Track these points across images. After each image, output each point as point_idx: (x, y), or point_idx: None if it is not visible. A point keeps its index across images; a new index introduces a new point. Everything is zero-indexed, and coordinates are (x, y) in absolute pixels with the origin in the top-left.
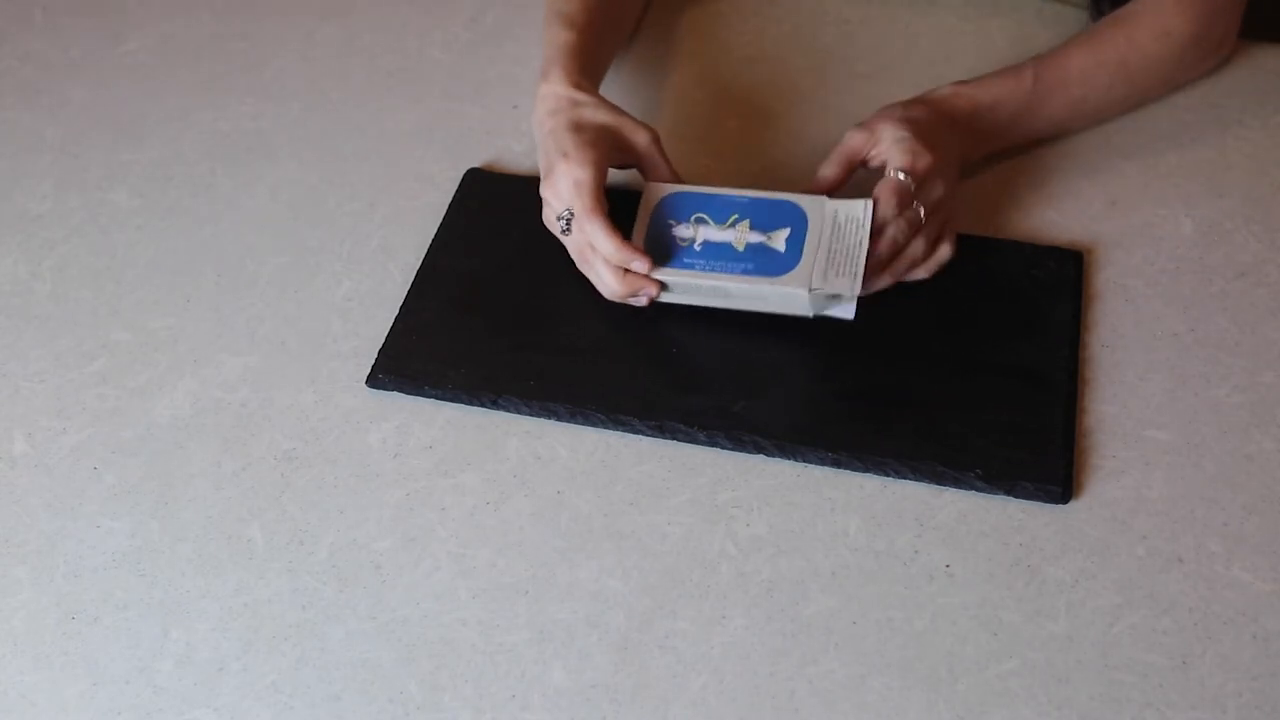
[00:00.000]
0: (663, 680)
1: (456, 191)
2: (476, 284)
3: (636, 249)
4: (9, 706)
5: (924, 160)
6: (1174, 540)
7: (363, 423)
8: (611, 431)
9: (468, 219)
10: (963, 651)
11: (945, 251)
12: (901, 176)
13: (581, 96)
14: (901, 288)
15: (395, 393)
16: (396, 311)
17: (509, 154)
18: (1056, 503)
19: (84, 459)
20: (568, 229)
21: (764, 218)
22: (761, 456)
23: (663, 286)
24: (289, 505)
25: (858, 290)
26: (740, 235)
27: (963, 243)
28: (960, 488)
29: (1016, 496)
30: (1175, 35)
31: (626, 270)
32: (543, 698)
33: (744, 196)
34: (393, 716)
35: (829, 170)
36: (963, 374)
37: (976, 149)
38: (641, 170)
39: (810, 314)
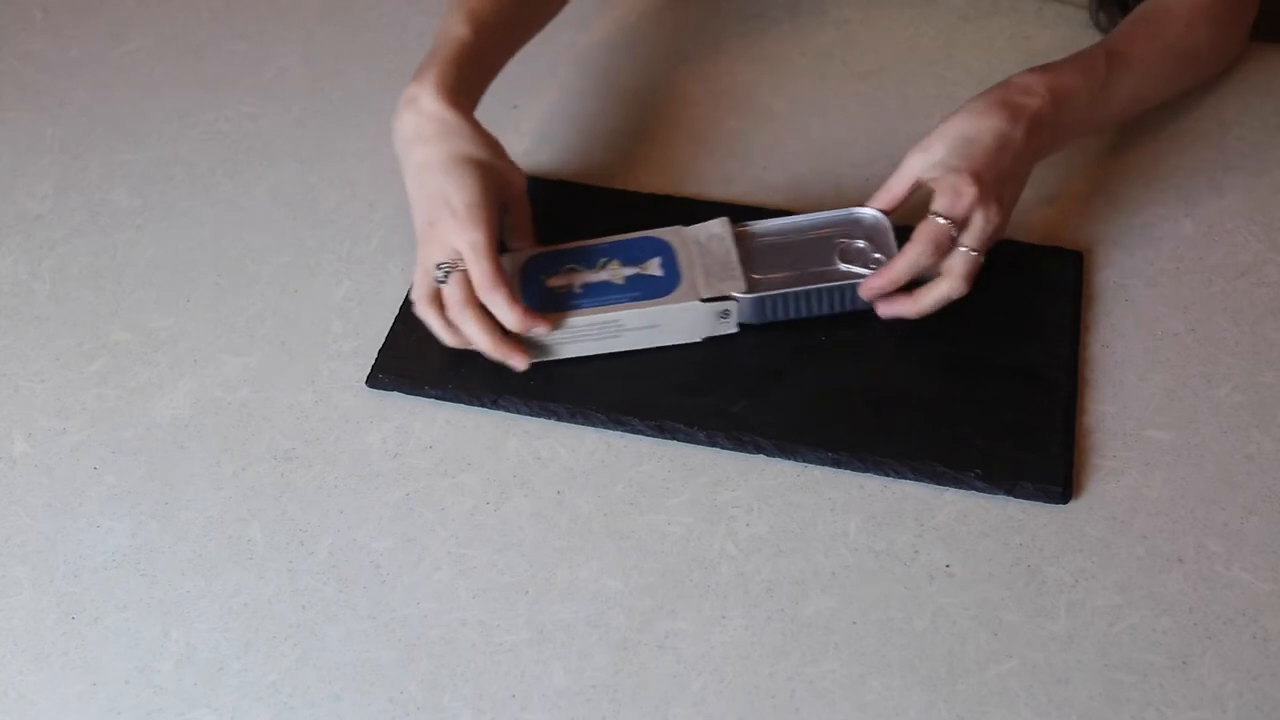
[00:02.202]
0: (663, 680)
1: None
2: None
3: (535, 316)
4: (9, 706)
5: (964, 201)
6: (1174, 540)
7: (363, 423)
8: (611, 431)
9: None
10: (963, 651)
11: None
12: (941, 221)
13: (454, 119)
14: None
15: (395, 393)
16: (396, 311)
17: (509, 154)
18: (1056, 503)
19: (84, 459)
20: (445, 280)
21: (631, 254)
22: (761, 456)
23: (539, 349)
24: (289, 505)
25: (744, 289)
26: (615, 272)
27: None
28: (960, 488)
29: (1016, 496)
30: (1223, 21)
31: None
32: (543, 698)
33: (604, 242)
34: (393, 716)
35: (884, 199)
36: (963, 374)
37: (1054, 143)
38: (510, 215)
39: (699, 337)
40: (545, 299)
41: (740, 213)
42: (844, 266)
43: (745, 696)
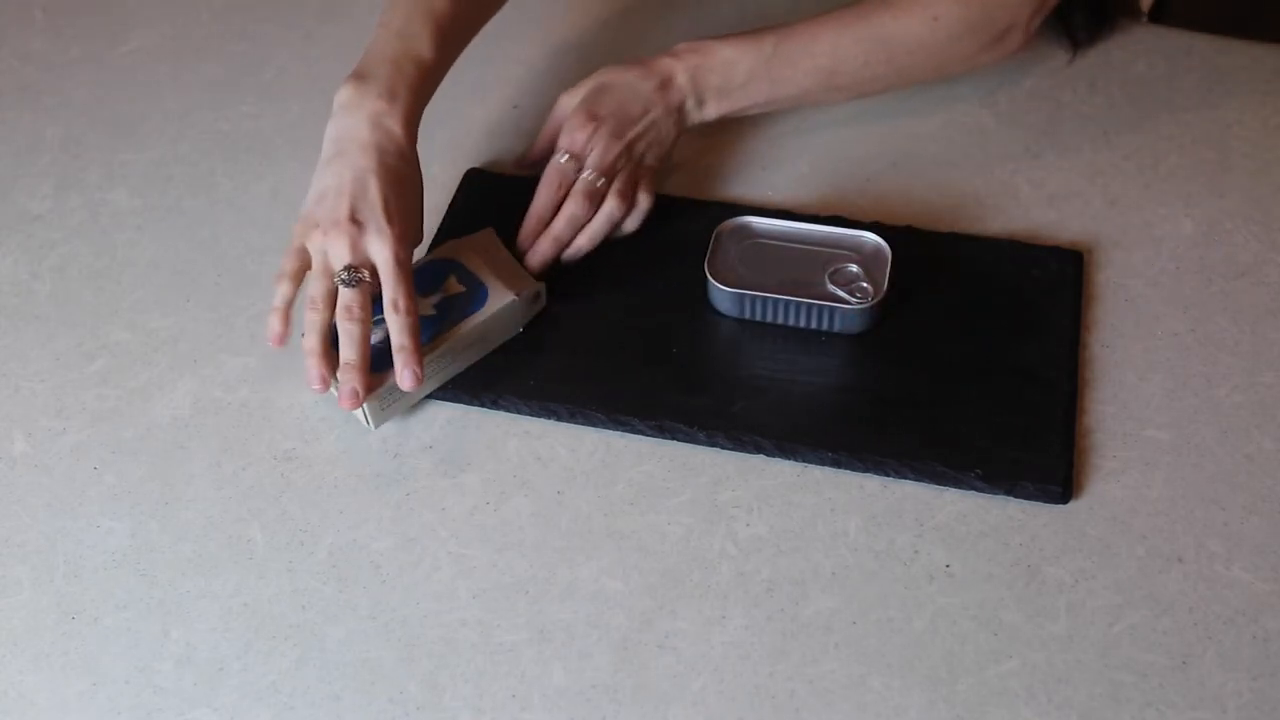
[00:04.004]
0: (663, 680)
1: (456, 191)
2: None
3: (418, 345)
4: (9, 706)
5: (580, 135)
6: (1174, 540)
7: (363, 423)
8: (611, 431)
9: (468, 219)
10: (963, 651)
11: (644, 201)
12: (563, 160)
13: (405, 142)
14: (901, 289)
15: None
16: None
17: (509, 154)
18: (1056, 503)
19: (84, 459)
20: (351, 284)
21: (425, 284)
22: (761, 456)
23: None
24: (289, 505)
25: (547, 256)
26: (422, 305)
27: (963, 243)
28: (960, 488)
29: (1016, 496)
30: (944, 21)
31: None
32: (543, 698)
33: None
34: (393, 716)
35: (539, 144)
36: (963, 374)
37: (705, 107)
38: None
39: (520, 328)
40: (373, 360)
41: (740, 211)
42: (830, 287)
43: (745, 696)
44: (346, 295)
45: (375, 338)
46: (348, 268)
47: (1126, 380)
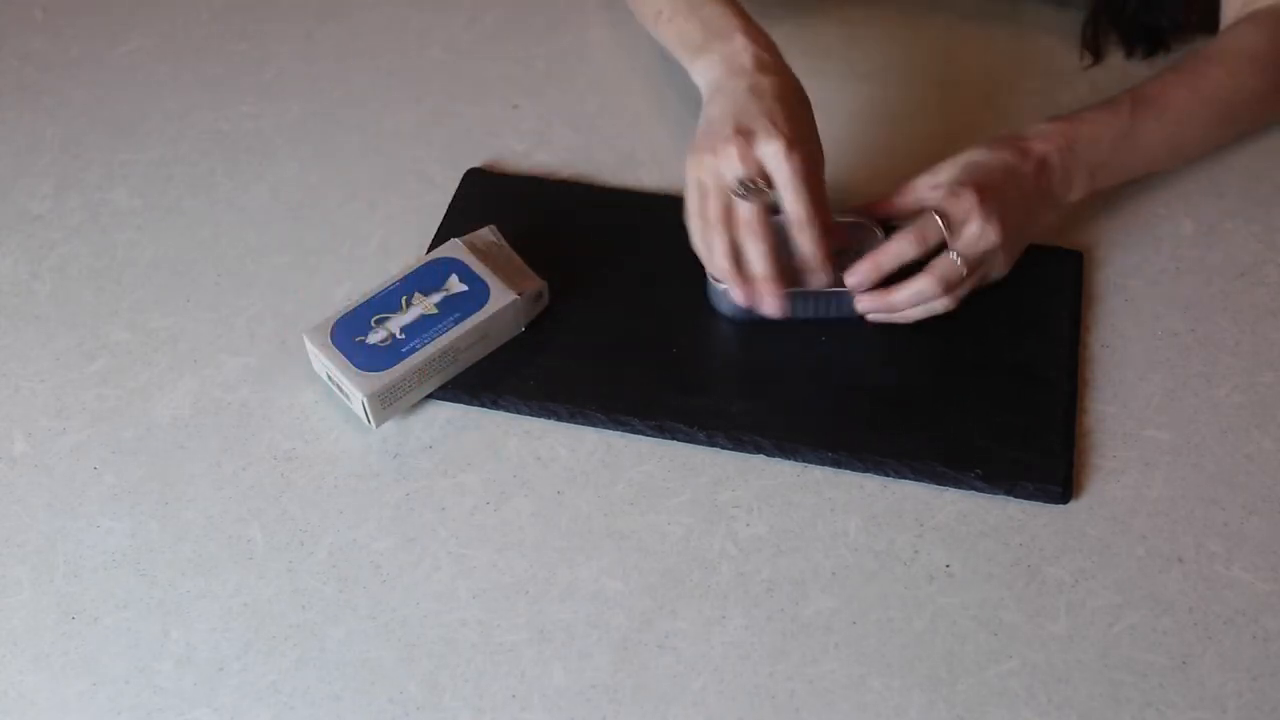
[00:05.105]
0: (663, 680)
1: (456, 191)
2: None
3: (829, 259)
4: (9, 706)
5: (963, 204)
6: (1174, 540)
7: (363, 423)
8: (611, 431)
9: (468, 219)
10: (963, 651)
11: (944, 304)
12: (934, 218)
13: (771, 58)
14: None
15: None
16: None
17: (509, 154)
18: (1056, 503)
19: (84, 459)
20: (746, 195)
21: (427, 282)
22: (761, 456)
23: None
24: (289, 505)
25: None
26: (424, 304)
27: None
28: (960, 488)
29: (1016, 496)
30: (1264, 60)
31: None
32: (543, 698)
33: (395, 282)
34: (393, 716)
35: (883, 208)
36: (963, 374)
37: (1072, 190)
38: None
39: (522, 327)
40: (374, 358)
41: None
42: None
43: (745, 696)
44: (744, 210)
45: (377, 337)
46: (741, 180)
47: (1126, 380)
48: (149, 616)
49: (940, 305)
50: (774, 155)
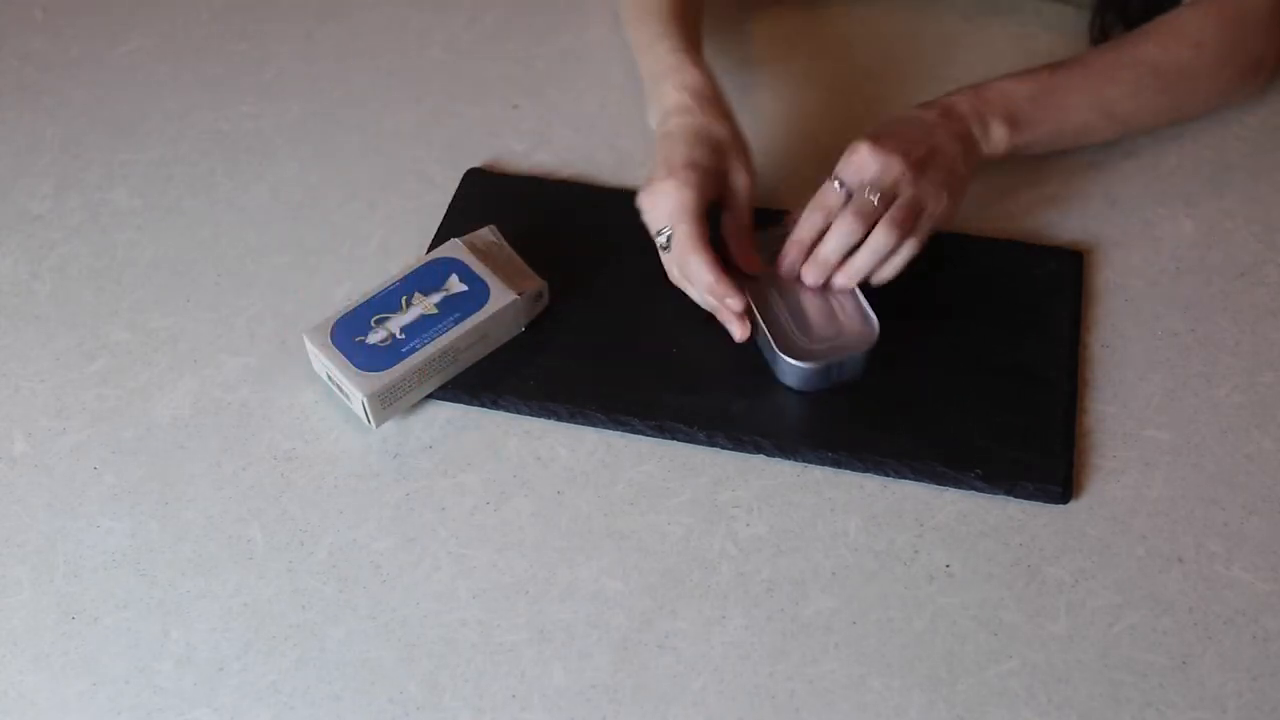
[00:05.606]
0: (663, 680)
1: (456, 191)
2: None
3: (731, 286)
4: (9, 706)
5: (857, 158)
6: (1174, 540)
7: (363, 423)
8: (611, 431)
9: (468, 219)
10: (963, 651)
11: (908, 248)
12: (836, 186)
13: (711, 93)
14: (902, 289)
15: None
16: None
17: (509, 154)
18: (1056, 503)
19: (84, 459)
20: (667, 246)
21: (427, 282)
22: (761, 456)
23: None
24: (289, 505)
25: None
26: (424, 304)
27: (963, 243)
28: (960, 488)
29: (1016, 496)
30: (1209, 47)
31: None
32: (543, 698)
33: (395, 282)
34: (393, 716)
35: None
36: (963, 374)
37: (992, 134)
38: (723, 202)
39: (522, 327)
40: (374, 358)
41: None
42: None
43: (745, 696)
44: (665, 259)
45: (377, 337)
46: (658, 232)
47: (1126, 380)
48: (149, 616)
49: (870, 248)
50: (665, 199)
